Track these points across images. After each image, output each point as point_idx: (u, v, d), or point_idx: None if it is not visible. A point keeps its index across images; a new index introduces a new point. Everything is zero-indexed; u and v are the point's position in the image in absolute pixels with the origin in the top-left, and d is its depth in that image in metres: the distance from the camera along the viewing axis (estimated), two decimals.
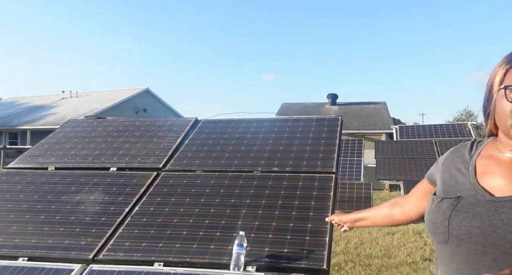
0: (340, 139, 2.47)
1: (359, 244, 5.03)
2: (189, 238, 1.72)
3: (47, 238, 1.75)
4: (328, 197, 1.89)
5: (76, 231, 1.80)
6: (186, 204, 1.96)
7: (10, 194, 2.09)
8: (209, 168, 2.26)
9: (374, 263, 4.20)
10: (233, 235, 1.70)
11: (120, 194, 2.08)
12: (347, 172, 8.55)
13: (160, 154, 2.44)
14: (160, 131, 2.74)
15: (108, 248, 1.69)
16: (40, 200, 2.03)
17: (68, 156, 2.47)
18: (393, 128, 10.90)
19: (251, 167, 2.23)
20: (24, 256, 1.64)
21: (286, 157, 2.29)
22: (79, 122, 2.92)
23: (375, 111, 20.48)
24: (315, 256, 1.54)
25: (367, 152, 12.77)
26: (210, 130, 2.72)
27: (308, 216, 1.78)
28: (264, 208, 1.87)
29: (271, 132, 2.59)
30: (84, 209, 1.95)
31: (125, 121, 2.93)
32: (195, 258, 1.60)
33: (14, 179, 2.23)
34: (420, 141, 8.70)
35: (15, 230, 1.81)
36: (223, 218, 1.83)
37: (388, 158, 8.33)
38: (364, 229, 6.01)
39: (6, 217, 1.91)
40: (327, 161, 2.20)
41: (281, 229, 1.72)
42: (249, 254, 1.57)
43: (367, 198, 7.37)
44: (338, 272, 3.88)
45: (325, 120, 2.69)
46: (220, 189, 2.06)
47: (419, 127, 9.85)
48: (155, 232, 1.78)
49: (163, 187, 2.12)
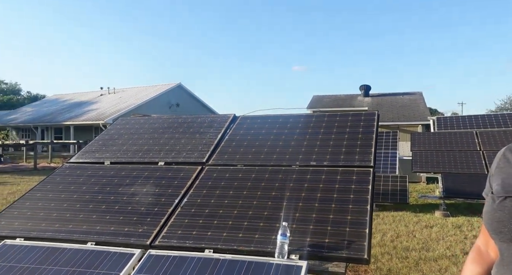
0: (377, 133, 2.51)
1: (396, 237, 5.01)
2: (235, 227, 1.86)
3: (110, 225, 1.96)
4: (367, 190, 1.96)
5: (133, 220, 1.99)
6: (230, 196, 2.10)
7: (74, 186, 2.33)
8: (250, 162, 2.38)
9: (412, 256, 4.18)
10: (275, 226, 1.82)
11: (169, 186, 2.26)
12: (382, 164, 8.43)
13: (203, 149, 2.60)
14: (201, 127, 2.90)
15: (163, 236, 1.87)
16: (100, 192, 2.25)
17: (120, 151, 2.69)
18: (430, 120, 10.55)
19: (290, 161, 2.33)
20: (92, 241, 1.86)
21: (323, 151, 2.37)
22: (128, 120, 3.15)
23: (410, 102, 19.80)
24: (356, 246, 1.62)
25: (402, 144, 12.44)
26: (249, 126, 2.84)
27: (348, 208, 1.86)
28: (304, 200, 1.97)
29: (308, 128, 2.67)
30: (139, 200, 2.15)
31: (169, 119, 3.12)
32: (242, 246, 1.74)
33: (77, 173, 2.48)
34: (460, 132, 8.37)
35: (82, 217, 2.04)
36: (265, 210, 1.96)
37: (425, 150, 8.11)
38: (400, 221, 5.95)
39: (73, 206, 2.15)
40: (365, 155, 2.25)
41: (321, 221, 1.81)
42: (291, 243, 1.68)
43: (402, 190, 7.25)
44: (375, 264, 3.91)
45: (361, 115, 2.72)
46: (261, 182, 2.18)
47: (458, 118, 9.47)
48: (203, 221, 1.93)
49: (207, 180, 2.28)
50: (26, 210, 2.18)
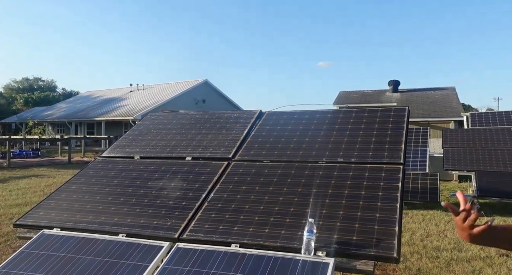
0: (407, 129, 2.43)
1: (425, 236, 4.85)
2: (261, 223, 1.87)
3: (140, 218, 2.02)
4: (396, 188, 1.91)
5: (162, 214, 2.04)
6: (256, 192, 2.11)
7: (106, 179, 2.42)
8: (276, 158, 2.38)
9: (443, 256, 4.04)
10: (302, 222, 1.81)
11: (196, 181, 2.29)
12: (411, 161, 8.17)
13: (229, 145, 2.62)
14: (228, 123, 2.92)
15: (190, 229, 1.91)
16: (131, 185, 2.33)
17: (149, 146, 2.76)
18: (464, 116, 10.10)
19: (316, 158, 2.30)
20: (123, 233, 1.92)
21: (351, 147, 2.32)
22: (156, 115, 3.22)
23: (442, 98, 19.03)
24: (385, 245, 1.59)
25: (433, 141, 12.00)
26: (275, 122, 2.83)
27: (376, 206, 1.82)
28: (331, 197, 1.95)
29: (335, 124, 2.63)
30: (167, 194, 2.20)
31: (196, 114, 3.17)
32: (268, 242, 1.74)
33: (108, 167, 2.57)
34: (495, 129, 7.97)
35: (114, 210, 2.12)
36: (292, 206, 1.95)
37: (458, 147, 7.78)
38: (430, 220, 5.76)
39: (105, 199, 2.23)
40: (394, 152, 2.19)
41: (349, 218, 1.78)
42: (318, 240, 1.67)
43: (433, 189, 7.01)
44: (403, 263, 3.82)
45: (390, 110, 2.65)
46: (287, 178, 2.17)
47: (494, 114, 9.01)
48: (230, 216, 1.95)
49: (234, 176, 2.29)
50: (62, 202, 2.28)
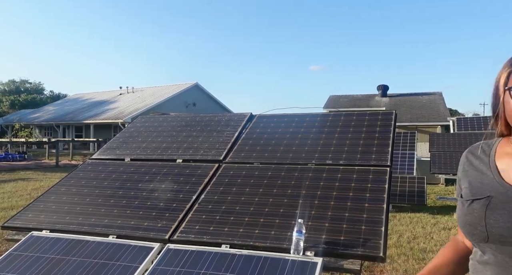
0: (394, 132, 2.49)
1: (412, 238, 4.94)
2: (251, 224, 1.89)
3: (130, 220, 2.02)
4: (383, 189, 1.96)
5: (152, 215, 2.05)
6: (246, 194, 2.14)
7: (96, 181, 2.42)
8: (266, 161, 2.41)
9: (429, 258, 4.12)
10: (291, 223, 1.84)
11: (187, 183, 2.31)
12: (399, 165, 8.30)
13: (220, 147, 2.64)
14: (218, 126, 2.95)
15: (181, 230, 1.92)
16: (121, 187, 2.33)
17: (140, 149, 2.77)
18: (450, 120, 10.32)
19: (306, 160, 2.35)
20: (114, 234, 1.93)
21: (339, 150, 2.37)
22: (147, 118, 3.23)
23: (429, 103, 19.40)
24: (372, 244, 1.63)
25: (420, 145, 12.21)
26: (265, 125, 2.87)
27: (363, 207, 1.86)
28: (320, 198, 1.99)
29: (324, 127, 2.68)
30: (158, 196, 2.21)
31: (187, 117, 3.19)
32: (258, 242, 1.77)
33: (98, 168, 2.56)
34: (481, 133, 8.17)
35: (104, 212, 2.12)
36: (281, 207, 1.98)
37: (444, 151, 7.95)
38: (417, 223, 5.87)
39: (95, 201, 2.23)
40: (381, 154, 2.25)
41: (337, 218, 1.82)
42: (307, 240, 1.70)
43: (420, 192, 7.13)
44: (391, 265, 3.88)
45: (378, 114, 2.71)
46: (277, 180, 2.21)
47: (479, 118, 9.24)
48: (220, 217, 1.97)
49: (224, 178, 2.32)
50: (52, 204, 2.27)
